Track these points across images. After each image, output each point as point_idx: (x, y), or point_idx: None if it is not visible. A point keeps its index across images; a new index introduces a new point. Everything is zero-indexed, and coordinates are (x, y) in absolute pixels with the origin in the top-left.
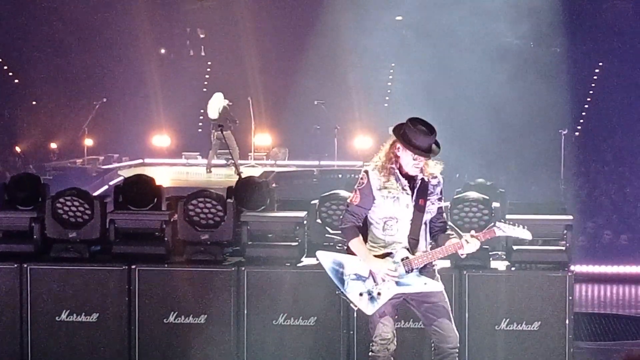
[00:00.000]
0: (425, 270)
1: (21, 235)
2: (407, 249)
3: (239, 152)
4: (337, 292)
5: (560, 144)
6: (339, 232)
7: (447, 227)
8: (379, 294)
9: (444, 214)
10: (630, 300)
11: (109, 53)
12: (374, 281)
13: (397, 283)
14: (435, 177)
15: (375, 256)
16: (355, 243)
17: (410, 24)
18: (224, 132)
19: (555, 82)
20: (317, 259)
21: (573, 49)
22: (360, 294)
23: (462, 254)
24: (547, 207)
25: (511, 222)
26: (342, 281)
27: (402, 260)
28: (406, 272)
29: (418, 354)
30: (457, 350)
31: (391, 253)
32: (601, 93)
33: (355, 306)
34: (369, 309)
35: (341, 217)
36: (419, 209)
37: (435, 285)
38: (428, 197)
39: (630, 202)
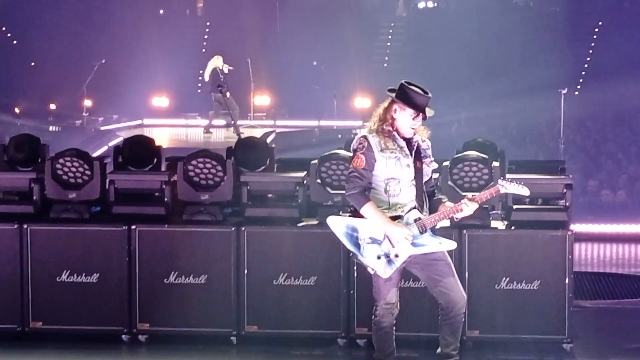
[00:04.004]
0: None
1: (21, 196)
2: (419, 210)
3: (238, 113)
4: (351, 256)
5: (560, 103)
6: (344, 193)
7: (437, 191)
8: (396, 256)
9: (433, 178)
10: (630, 259)
11: (108, 14)
12: (390, 244)
13: (413, 244)
14: (425, 140)
15: None
16: (369, 207)
17: None
18: (216, 95)
19: (555, 41)
20: (328, 225)
21: (573, 8)
22: (378, 257)
23: (457, 218)
24: (547, 166)
25: (511, 180)
26: (358, 246)
27: (415, 221)
28: (420, 232)
29: (418, 313)
30: (465, 312)
31: (400, 216)
32: (601, 52)
33: (373, 270)
34: (387, 271)
35: (346, 184)
36: (418, 170)
37: (449, 244)
38: (423, 160)
39: (631, 161)
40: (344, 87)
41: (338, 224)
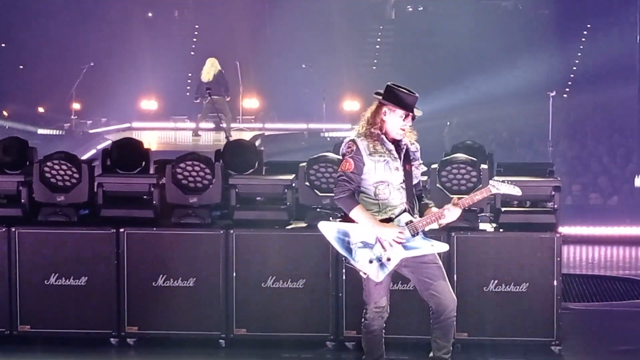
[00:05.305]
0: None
1: (9, 199)
2: (410, 213)
3: (231, 117)
4: (343, 260)
5: (548, 106)
6: (333, 197)
7: (424, 195)
8: (388, 259)
9: (421, 182)
10: (618, 262)
11: (97, 16)
12: (382, 247)
13: (405, 247)
14: (413, 143)
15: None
16: (358, 211)
17: None
18: (214, 97)
19: (544, 43)
20: (320, 230)
21: (561, 11)
22: (370, 261)
23: (440, 224)
24: (535, 168)
25: (502, 180)
26: (350, 250)
27: (407, 224)
28: (412, 235)
29: (407, 316)
30: (455, 315)
31: (391, 218)
32: (589, 55)
33: (365, 274)
34: (379, 275)
35: (335, 188)
36: (407, 174)
37: (441, 246)
38: (412, 163)
39: (619, 164)
40: (333, 90)
41: (329, 229)
